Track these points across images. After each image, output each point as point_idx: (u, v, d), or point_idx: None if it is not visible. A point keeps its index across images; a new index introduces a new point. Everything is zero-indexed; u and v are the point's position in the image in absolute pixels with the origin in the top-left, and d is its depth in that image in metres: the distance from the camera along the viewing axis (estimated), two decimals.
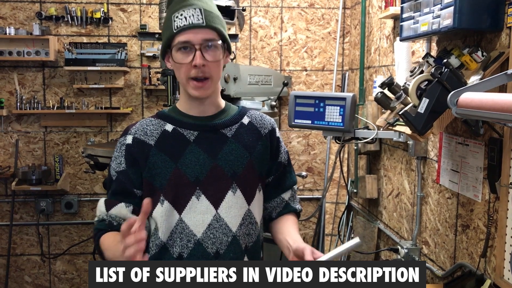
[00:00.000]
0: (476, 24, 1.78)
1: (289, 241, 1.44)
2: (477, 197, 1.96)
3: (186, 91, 1.43)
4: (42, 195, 3.82)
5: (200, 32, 1.36)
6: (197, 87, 1.39)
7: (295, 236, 1.47)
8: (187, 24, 1.36)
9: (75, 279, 3.98)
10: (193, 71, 1.37)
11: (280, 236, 1.52)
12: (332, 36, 3.92)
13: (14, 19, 3.69)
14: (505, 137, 1.74)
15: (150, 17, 3.79)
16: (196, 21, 1.36)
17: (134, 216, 1.41)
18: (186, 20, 1.36)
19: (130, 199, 1.44)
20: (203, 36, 1.36)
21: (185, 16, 1.36)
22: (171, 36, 1.38)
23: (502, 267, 1.77)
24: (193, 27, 1.36)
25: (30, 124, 3.80)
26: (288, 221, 1.57)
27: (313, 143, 3.99)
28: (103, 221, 1.45)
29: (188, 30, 1.36)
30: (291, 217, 1.60)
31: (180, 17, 1.36)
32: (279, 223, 1.58)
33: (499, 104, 1.40)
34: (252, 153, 1.49)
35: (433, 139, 2.38)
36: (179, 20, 1.36)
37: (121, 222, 1.40)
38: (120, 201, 1.44)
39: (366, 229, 3.27)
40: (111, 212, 1.44)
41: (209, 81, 1.40)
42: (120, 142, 1.47)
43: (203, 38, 1.36)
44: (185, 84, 1.40)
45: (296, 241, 1.42)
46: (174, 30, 1.37)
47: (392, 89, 2.05)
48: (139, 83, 3.83)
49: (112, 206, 1.44)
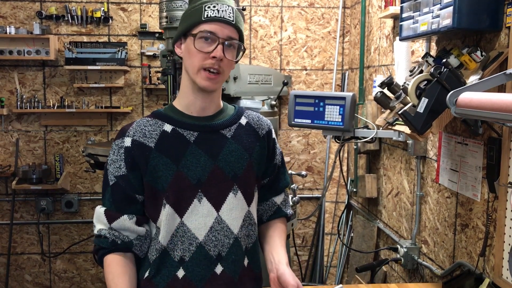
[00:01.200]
0: (475, 24, 1.78)
1: (274, 256, 1.47)
2: (476, 196, 1.96)
3: (193, 82, 1.40)
4: (42, 194, 3.82)
5: (227, 28, 1.38)
6: (209, 78, 1.38)
7: (281, 252, 1.48)
8: (218, 16, 1.37)
9: (75, 278, 3.99)
10: (209, 61, 1.36)
11: (266, 246, 1.53)
12: (332, 36, 3.92)
13: (14, 18, 3.70)
14: (504, 136, 1.75)
15: (150, 16, 3.79)
16: (228, 16, 1.38)
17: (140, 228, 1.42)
18: (219, 12, 1.37)
19: (132, 207, 1.41)
20: (229, 32, 1.38)
21: (217, 9, 1.37)
22: (197, 22, 1.37)
23: (501, 266, 1.77)
24: (223, 21, 1.37)
25: (30, 123, 3.80)
26: (276, 230, 1.57)
27: (313, 142, 4.00)
28: (105, 238, 1.40)
29: (217, 22, 1.37)
30: (280, 224, 1.60)
31: (212, 8, 1.37)
32: (268, 231, 1.57)
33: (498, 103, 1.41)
34: (251, 154, 1.48)
35: (433, 139, 2.38)
36: (211, 11, 1.37)
37: (125, 240, 1.40)
38: (122, 213, 1.41)
39: (366, 228, 3.28)
40: (113, 226, 1.40)
41: (220, 76, 1.40)
42: (118, 145, 1.42)
43: (228, 35, 1.38)
44: (196, 73, 1.38)
45: (281, 260, 1.44)
46: (204, 18, 1.37)
47: (392, 89, 2.05)
48: (139, 82, 3.83)
49: (115, 219, 1.40)
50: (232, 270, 1.43)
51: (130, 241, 1.41)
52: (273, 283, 1.41)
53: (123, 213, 1.41)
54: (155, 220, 1.43)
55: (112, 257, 1.40)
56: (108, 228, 1.41)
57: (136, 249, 1.42)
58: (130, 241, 1.41)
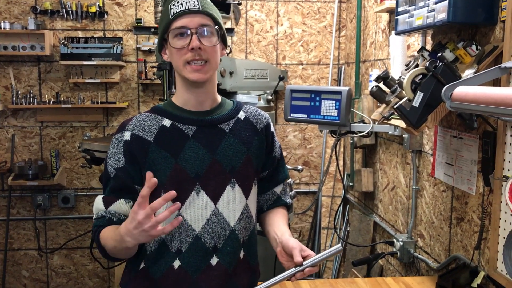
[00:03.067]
0: (471, 18, 1.78)
1: (277, 233, 1.47)
2: (472, 190, 1.97)
3: (183, 78, 1.42)
4: (38, 190, 3.81)
5: (196, 17, 1.38)
6: (195, 70, 1.38)
7: (283, 227, 1.50)
8: (183, 9, 1.37)
9: (72, 273, 3.99)
10: (190, 54, 1.37)
11: (269, 227, 1.55)
12: (328, 30, 3.92)
13: (9, 13, 3.67)
14: (499, 130, 1.75)
15: (145, 11, 3.78)
16: (192, 6, 1.38)
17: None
18: (182, 6, 1.38)
19: (130, 195, 1.42)
20: (199, 21, 1.38)
21: (181, 3, 1.38)
22: (168, 23, 1.39)
23: (496, 259, 1.78)
24: (189, 12, 1.37)
25: (26, 119, 3.79)
26: (278, 214, 1.59)
27: (309, 137, 4.00)
28: (102, 217, 1.42)
29: (184, 15, 1.37)
30: (281, 209, 1.62)
31: (176, 5, 1.38)
32: (269, 216, 1.60)
33: (492, 97, 1.41)
34: (249, 148, 1.50)
35: (428, 133, 2.39)
36: (175, 7, 1.38)
37: (122, 218, 1.40)
38: (119, 198, 1.42)
39: (362, 222, 3.29)
40: (110, 209, 1.41)
41: (207, 64, 1.40)
42: (117, 139, 1.44)
43: (199, 23, 1.38)
44: (182, 69, 1.40)
45: (284, 233, 1.45)
46: (171, 16, 1.38)
47: (387, 83, 2.06)
48: (135, 77, 3.82)
49: (111, 203, 1.42)
50: (227, 262, 1.45)
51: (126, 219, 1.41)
52: (280, 255, 1.41)
53: (119, 198, 1.42)
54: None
55: (107, 228, 1.40)
56: (105, 211, 1.42)
57: None
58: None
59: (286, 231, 1.47)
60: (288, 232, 1.47)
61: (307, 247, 1.38)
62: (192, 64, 1.38)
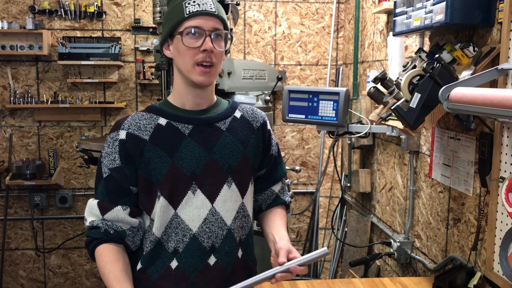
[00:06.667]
0: (468, 19, 1.79)
1: (275, 237, 1.46)
2: (468, 191, 1.98)
3: (186, 78, 1.41)
4: (36, 190, 3.81)
5: (211, 20, 1.39)
6: (204, 73, 1.38)
7: (282, 231, 1.49)
8: (200, 10, 1.38)
9: (70, 273, 3.99)
10: (201, 56, 1.37)
11: (268, 229, 1.54)
12: (326, 31, 3.92)
13: (7, 13, 3.67)
14: (496, 131, 1.76)
15: (144, 11, 3.78)
16: (210, 8, 1.39)
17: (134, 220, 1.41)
18: (199, 6, 1.38)
19: (125, 198, 1.41)
20: (213, 24, 1.39)
21: (198, 3, 1.38)
22: (181, 21, 1.38)
23: (492, 260, 1.79)
24: (206, 13, 1.38)
25: (24, 118, 3.79)
26: (277, 215, 1.58)
27: (307, 137, 4.01)
28: (97, 228, 1.40)
29: (200, 16, 1.38)
30: (280, 210, 1.62)
31: (192, 4, 1.38)
32: (268, 216, 1.59)
33: (489, 99, 1.42)
34: (246, 146, 1.50)
35: (426, 134, 2.40)
36: (191, 6, 1.38)
37: (119, 230, 1.39)
38: (115, 203, 1.40)
39: (360, 223, 3.29)
40: (106, 217, 1.40)
41: (214, 68, 1.41)
42: (112, 138, 1.42)
43: (213, 26, 1.39)
44: (190, 70, 1.39)
45: (282, 238, 1.44)
46: (186, 14, 1.38)
47: (385, 84, 2.06)
48: (133, 77, 3.82)
49: (108, 210, 1.40)
50: (225, 261, 1.45)
51: (123, 231, 1.41)
52: (272, 257, 1.40)
53: (116, 204, 1.40)
54: (149, 212, 1.44)
55: (104, 246, 1.39)
56: (100, 219, 1.40)
57: (129, 239, 1.42)
58: (123, 231, 1.41)
59: (284, 236, 1.46)
60: (286, 237, 1.46)
61: (296, 250, 1.37)
62: (201, 66, 1.38)
